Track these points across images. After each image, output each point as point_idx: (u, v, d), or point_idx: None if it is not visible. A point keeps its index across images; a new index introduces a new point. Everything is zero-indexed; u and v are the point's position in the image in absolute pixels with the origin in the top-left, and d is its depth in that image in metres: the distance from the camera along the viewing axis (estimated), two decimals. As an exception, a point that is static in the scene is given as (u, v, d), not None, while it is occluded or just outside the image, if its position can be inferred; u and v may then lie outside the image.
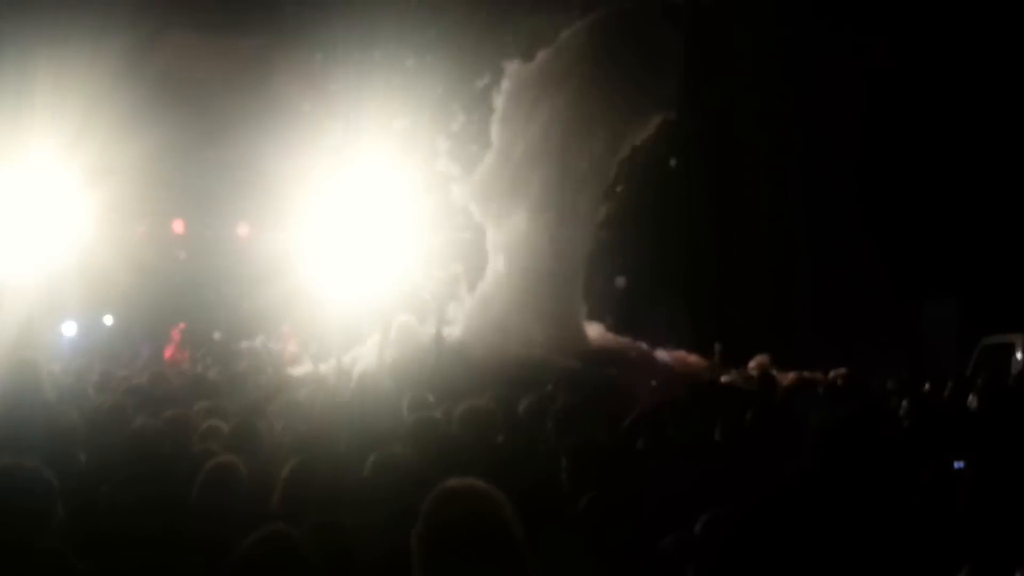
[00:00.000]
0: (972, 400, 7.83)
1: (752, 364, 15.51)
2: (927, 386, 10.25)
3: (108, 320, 25.40)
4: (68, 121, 19.25)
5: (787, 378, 13.11)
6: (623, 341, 18.56)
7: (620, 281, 21.89)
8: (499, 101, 18.88)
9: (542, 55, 19.00)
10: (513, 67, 18.94)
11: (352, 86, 20.88)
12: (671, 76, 18.49)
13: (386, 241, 19.56)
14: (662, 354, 17.85)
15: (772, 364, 15.17)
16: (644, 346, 18.29)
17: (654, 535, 4.49)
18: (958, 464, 4.71)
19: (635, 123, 18.87)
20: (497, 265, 18.76)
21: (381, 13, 20.25)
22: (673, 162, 19.63)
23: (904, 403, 8.12)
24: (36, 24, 19.57)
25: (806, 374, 13.67)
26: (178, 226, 24.86)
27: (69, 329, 21.88)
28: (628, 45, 18.42)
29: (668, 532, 4.40)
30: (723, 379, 13.11)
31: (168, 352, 21.81)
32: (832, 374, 11.48)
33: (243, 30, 22.90)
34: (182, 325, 22.71)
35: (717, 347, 16.34)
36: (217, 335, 23.75)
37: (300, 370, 16.33)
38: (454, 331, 17.72)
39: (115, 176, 20.66)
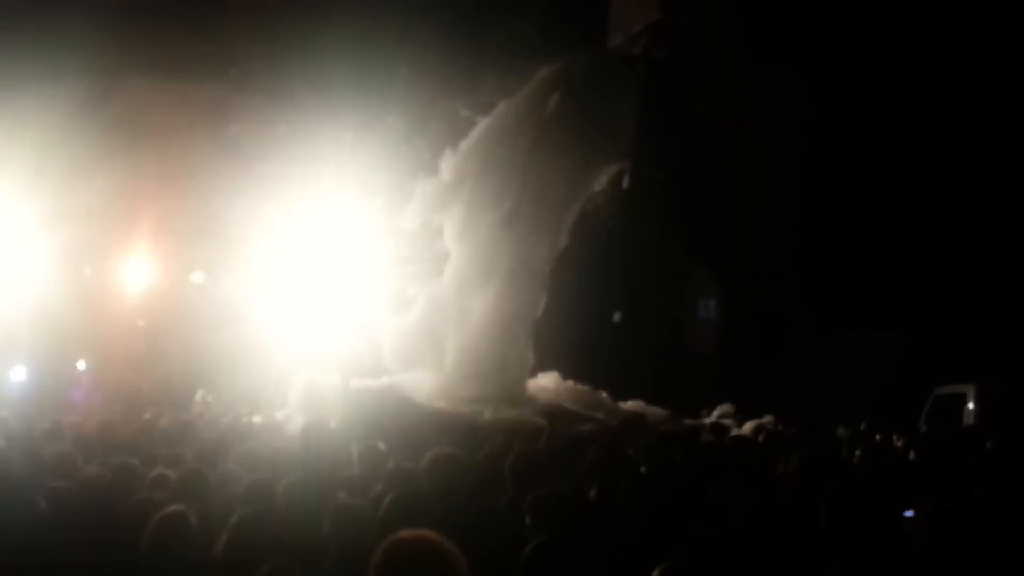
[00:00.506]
0: (913, 452, 7.93)
1: (716, 412, 15.62)
2: (878, 436, 10.34)
3: (73, 365, 24.94)
4: (23, 166, 19.15)
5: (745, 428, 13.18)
6: (580, 390, 18.60)
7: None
8: (452, 160, 19.01)
9: (502, 106, 19.18)
10: (473, 119, 19.12)
11: (307, 132, 20.91)
12: (626, 126, 18.70)
13: (336, 288, 19.64)
14: (621, 404, 17.89)
15: (733, 413, 15.27)
16: (603, 396, 18.35)
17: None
18: (908, 513, 4.76)
19: (590, 173, 19.06)
20: (447, 311, 18.77)
21: (338, 61, 20.33)
22: (626, 182, 19.53)
23: (857, 452, 8.21)
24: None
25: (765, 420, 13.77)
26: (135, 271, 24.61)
27: (18, 374, 21.53)
28: (584, 96, 18.66)
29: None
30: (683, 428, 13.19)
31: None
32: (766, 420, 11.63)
33: (199, 76, 22.89)
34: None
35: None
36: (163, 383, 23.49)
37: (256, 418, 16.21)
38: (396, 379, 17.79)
39: (70, 221, 20.51)
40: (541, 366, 19.17)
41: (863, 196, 20.99)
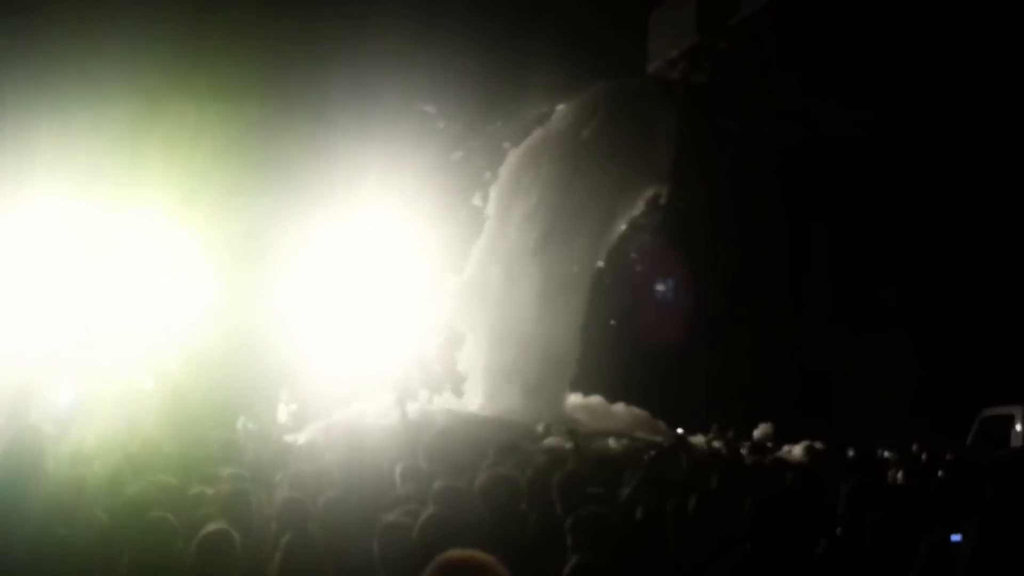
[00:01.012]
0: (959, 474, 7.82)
1: (756, 433, 15.51)
2: (925, 456, 10.22)
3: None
4: (69, 187, 19.41)
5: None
6: (624, 412, 18.58)
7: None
8: (495, 182, 19.12)
9: (537, 133, 19.31)
10: (508, 147, 19.24)
11: (349, 155, 21.07)
12: (664, 151, 18.74)
13: (382, 309, 19.76)
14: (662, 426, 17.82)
15: (773, 435, 15.15)
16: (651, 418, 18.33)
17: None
18: (955, 537, 4.70)
19: (627, 197, 19.11)
20: (489, 333, 18.81)
21: (380, 83, 20.52)
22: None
23: (900, 474, 8.13)
24: (38, 91, 19.77)
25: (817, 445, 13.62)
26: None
27: (65, 392, 21.69)
28: (620, 121, 18.78)
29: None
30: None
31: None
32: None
33: (243, 98, 23.12)
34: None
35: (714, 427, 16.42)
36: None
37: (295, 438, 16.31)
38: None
39: (115, 242, 20.74)
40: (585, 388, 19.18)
41: (902, 214, 20.82)
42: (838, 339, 21.05)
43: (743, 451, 12.57)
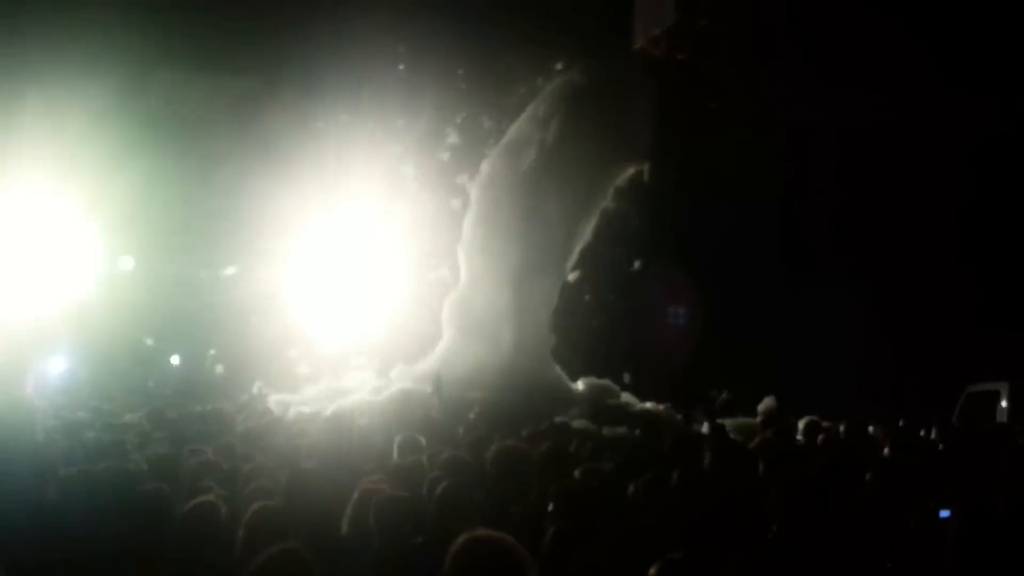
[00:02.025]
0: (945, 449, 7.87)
1: (760, 408, 15.52)
2: (913, 433, 10.24)
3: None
4: (58, 158, 19.33)
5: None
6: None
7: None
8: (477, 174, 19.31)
9: (529, 109, 19.45)
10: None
11: (340, 126, 21.08)
12: (646, 128, 18.87)
13: (374, 277, 19.88)
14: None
15: (777, 410, 15.17)
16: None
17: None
18: (944, 513, 4.73)
19: (609, 173, 19.25)
20: (467, 304, 18.96)
21: (369, 54, 20.52)
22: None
23: (887, 449, 8.16)
24: (30, 61, 19.68)
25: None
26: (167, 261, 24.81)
27: (56, 365, 21.64)
28: (604, 98, 18.95)
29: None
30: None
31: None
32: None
33: (234, 69, 23.07)
34: None
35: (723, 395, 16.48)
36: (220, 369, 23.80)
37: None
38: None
39: (104, 212, 20.69)
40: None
41: (890, 193, 20.88)
42: (822, 314, 21.11)
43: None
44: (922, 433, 10.08)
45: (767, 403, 15.90)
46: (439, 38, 20.06)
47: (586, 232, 19.31)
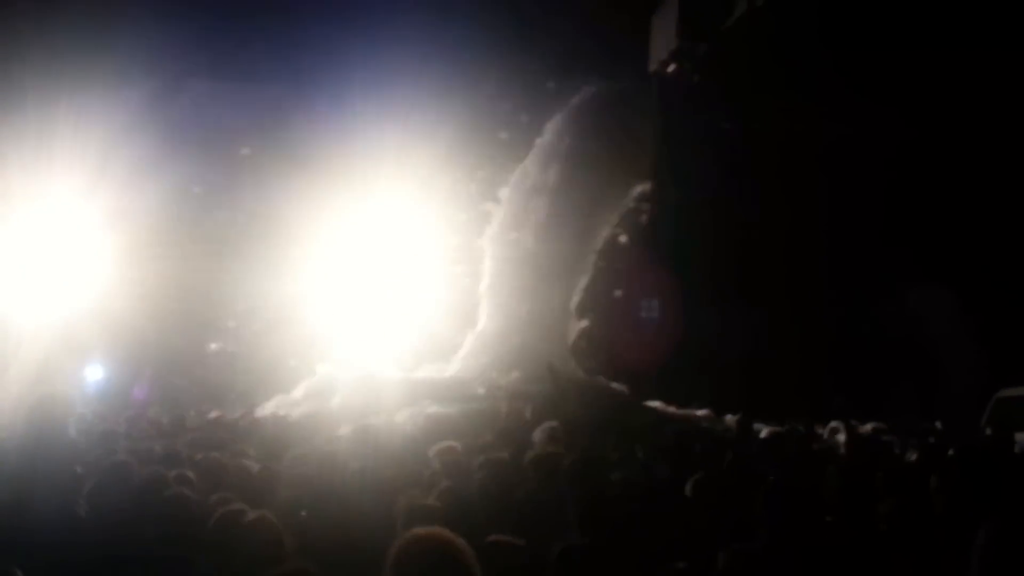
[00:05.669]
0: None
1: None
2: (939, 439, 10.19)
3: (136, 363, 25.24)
4: (87, 165, 19.51)
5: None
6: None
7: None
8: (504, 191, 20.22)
9: (537, 141, 20.29)
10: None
11: (366, 136, 21.23)
12: (656, 147, 19.96)
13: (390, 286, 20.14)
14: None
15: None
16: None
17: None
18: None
19: (620, 189, 19.71)
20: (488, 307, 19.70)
21: (394, 64, 20.73)
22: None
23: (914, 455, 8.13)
24: (58, 70, 19.85)
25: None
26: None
27: (95, 372, 21.70)
28: (606, 123, 20.02)
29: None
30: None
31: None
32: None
33: (261, 79, 23.26)
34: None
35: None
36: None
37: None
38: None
39: (133, 221, 20.85)
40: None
41: (909, 200, 20.74)
42: (845, 322, 21.01)
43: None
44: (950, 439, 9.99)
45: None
46: (468, 50, 20.45)
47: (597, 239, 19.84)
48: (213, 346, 24.97)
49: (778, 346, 20.32)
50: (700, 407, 16.95)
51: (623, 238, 20.74)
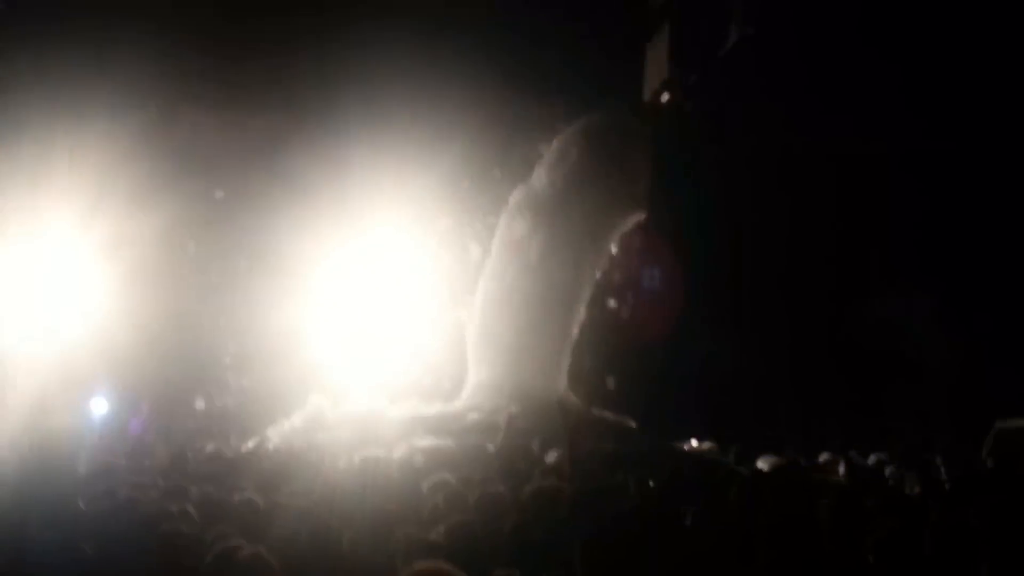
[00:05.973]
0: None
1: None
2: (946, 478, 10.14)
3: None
4: (84, 194, 19.51)
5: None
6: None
7: None
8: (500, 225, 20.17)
9: (549, 153, 20.25)
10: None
11: (363, 163, 21.25)
12: (643, 177, 19.89)
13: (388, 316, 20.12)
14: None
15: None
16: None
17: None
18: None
19: (615, 217, 19.68)
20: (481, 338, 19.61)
21: (392, 91, 20.80)
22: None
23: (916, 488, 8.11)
24: (54, 98, 19.88)
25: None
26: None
27: (99, 406, 21.46)
28: (609, 146, 19.99)
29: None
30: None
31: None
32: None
33: (255, 107, 23.28)
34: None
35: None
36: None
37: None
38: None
39: (131, 250, 20.81)
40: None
41: (914, 222, 20.77)
42: (844, 347, 20.99)
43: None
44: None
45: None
46: (461, 80, 20.50)
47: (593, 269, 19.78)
48: (211, 378, 24.85)
49: (776, 372, 20.35)
50: (702, 439, 16.90)
51: (618, 268, 20.78)
